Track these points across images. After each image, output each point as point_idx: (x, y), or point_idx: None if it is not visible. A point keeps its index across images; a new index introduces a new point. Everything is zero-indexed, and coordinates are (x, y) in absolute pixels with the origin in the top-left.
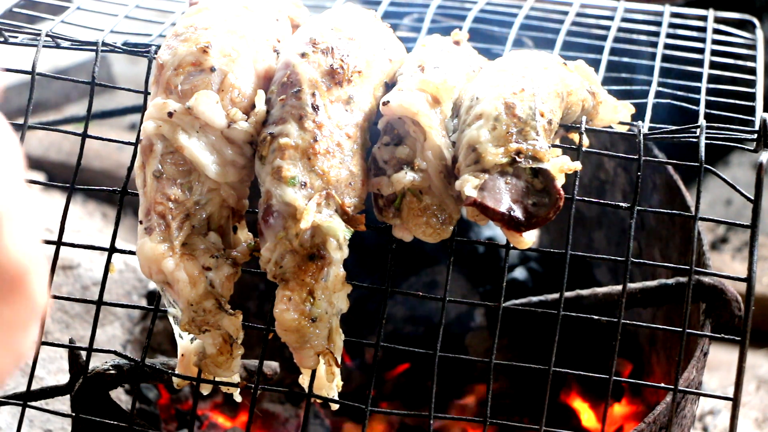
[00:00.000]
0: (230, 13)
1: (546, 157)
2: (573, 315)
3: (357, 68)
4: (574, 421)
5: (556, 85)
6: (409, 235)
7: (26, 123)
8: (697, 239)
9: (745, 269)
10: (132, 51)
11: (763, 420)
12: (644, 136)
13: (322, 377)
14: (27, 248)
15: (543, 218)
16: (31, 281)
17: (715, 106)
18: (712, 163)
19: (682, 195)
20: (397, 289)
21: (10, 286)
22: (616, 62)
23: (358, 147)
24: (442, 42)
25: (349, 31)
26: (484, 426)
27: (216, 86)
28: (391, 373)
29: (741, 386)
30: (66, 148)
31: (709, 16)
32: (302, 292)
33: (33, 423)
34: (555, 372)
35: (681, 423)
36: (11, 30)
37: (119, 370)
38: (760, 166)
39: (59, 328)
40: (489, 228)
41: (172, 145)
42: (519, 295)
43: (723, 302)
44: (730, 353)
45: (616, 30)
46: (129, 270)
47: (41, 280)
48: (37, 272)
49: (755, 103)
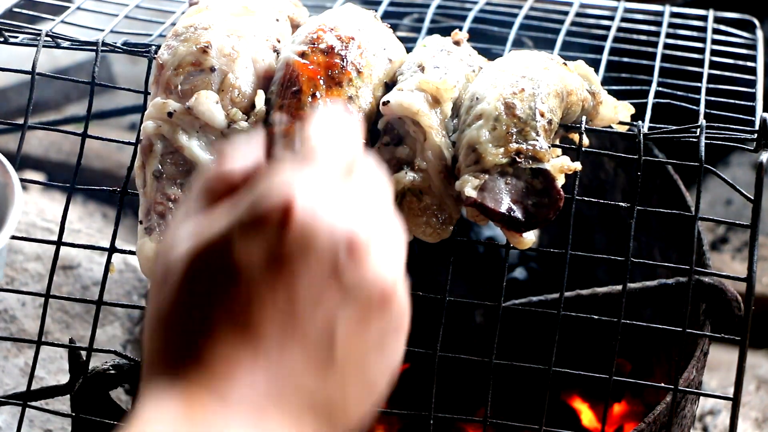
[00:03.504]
0: (230, 13)
1: (546, 157)
2: (573, 315)
3: (357, 68)
4: (574, 421)
5: (556, 85)
6: (409, 235)
7: (26, 123)
8: (697, 239)
9: (745, 269)
10: (132, 51)
11: (763, 420)
12: (644, 136)
13: None
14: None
15: (543, 219)
16: (398, 294)
17: (715, 106)
18: (712, 163)
19: (682, 195)
20: None
21: (381, 299)
22: (616, 62)
23: None
24: (442, 42)
25: (348, 31)
26: (484, 426)
27: (216, 86)
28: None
29: (741, 386)
30: (66, 148)
31: (709, 16)
32: None
33: (33, 423)
34: (555, 372)
35: (681, 423)
36: (11, 30)
37: (119, 370)
38: (760, 166)
39: (59, 328)
40: (489, 228)
41: (172, 145)
42: (519, 295)
43: (723, 302)
44: (730, 353)
45: (616, 30)
46: (129, 270)
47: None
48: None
49: (755, 103)
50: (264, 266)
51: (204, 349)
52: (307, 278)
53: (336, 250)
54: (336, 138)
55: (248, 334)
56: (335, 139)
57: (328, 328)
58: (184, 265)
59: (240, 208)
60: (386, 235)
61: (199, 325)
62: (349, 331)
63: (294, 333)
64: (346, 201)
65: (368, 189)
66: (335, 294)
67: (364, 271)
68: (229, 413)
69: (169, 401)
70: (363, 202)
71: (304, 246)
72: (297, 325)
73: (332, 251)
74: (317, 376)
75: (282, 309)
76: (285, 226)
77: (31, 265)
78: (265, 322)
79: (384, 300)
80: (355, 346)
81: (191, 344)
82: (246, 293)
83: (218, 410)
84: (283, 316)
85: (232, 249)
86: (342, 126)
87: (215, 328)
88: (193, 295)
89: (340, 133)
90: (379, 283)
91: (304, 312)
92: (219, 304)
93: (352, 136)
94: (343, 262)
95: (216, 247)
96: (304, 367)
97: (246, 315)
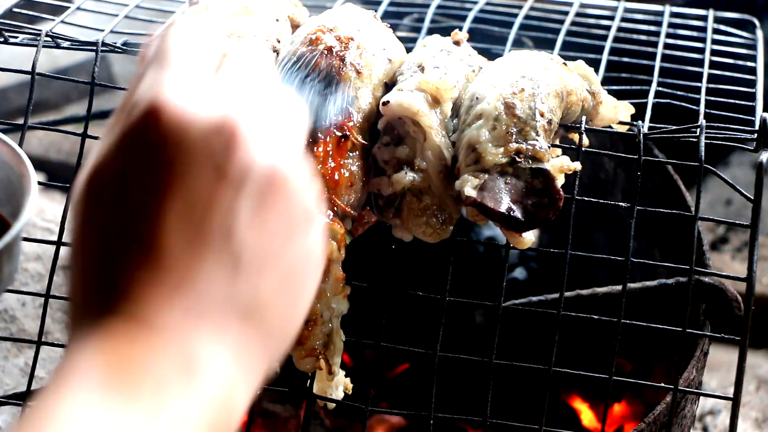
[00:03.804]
0: (230, 13)
1: (546, 157)
2: (573, 315)
3: (356, 69)
4: (574, 421)
5: (556, 85)
6: (409, 235)
7: (26, 123)
8: (697, 239)
9: (745, 269)
10: (132, 51)
11: (763, 420)
12: (644, 136)
13: (324, 378)
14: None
15: (543, 218)
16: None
17: (715, 106)
18: (712, 163)
19: (682, 195)
20: (397, 289)
21: (270, 183)
22: (616, 62)
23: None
24: (442, 42)
25: (348, 31)
26: (484, 426)
27: None
28: (391, 373)
29: (741, 386)
30: (66, 148)
31: (709, 16)
32: None
33: None
34: (555, 372)
35: (681, 423)
36: (11, 30)
37: None
38: (760, 166)
39: (59, 328)
40: (489, 228)
41: None
42: (519, 295)
43: (723, 302)
44: (730, 353)
45: (616, 30)
46: None
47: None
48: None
49: (755, 103)
50: (148, 181)
51: (115, 280)
52: (192, 181)
53: (212, 143)
54: (195, 37)
55: (154, 255)
56: (194, 39)
57: (225, 225)
58: (80, 196)
59: (117, 124)
60: (269, 116)
61: (104, 256)
62: (248, 223)
63: (196, 240)
64: (214, 90)
65: (242, 73)
66: (225, 189)
67: (246, 157)
68: (156, 341)
69: (95, 346)
70: (235, 87)
71: (179, 148)
72: (197, 232)
73: (208, 145)
74: (230, 279)
75: (179, 219)
76: (156, 132)
77: (31, 265)
78: (166, 238)
79: (275, 183)
80: (258, 238)
81: (101, 278)
82: (139, 213)
83: (145, 340)
84: (181, 225)
85: (114, 170)
86: (201, 27)
87: (119, 256)
88: (91, 224)
89: (200, 32)
90: (265, 167)
91: (201, 216)
92: (116, 230)
93: (212, 34)
94: (222, 153)
95: (102, 174)
96: (215, 273)
97: (145, 236)
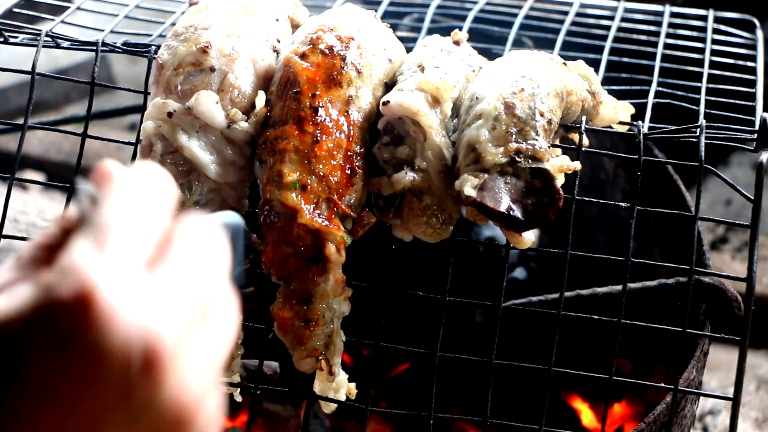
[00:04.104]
0: (230, 13)
1: (546, 157)
2: (573, 315)
3: (357, 68)
4: (574, 421)
5: (555, 85)
6: (409, 235)
7: (26, 123)
8: (697, 239)
9: (745, 269)
10: (132, 51)
11: (763, 420)
12: (644, 136)
13: (324, 378)
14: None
15: (542, 218)
16: (201, 415)
17: (715, 106)
18: (713, 163)
19: (682, 195)
20: (397, 289)
21: (174, 424)
22: (616, 62)
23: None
24: (442, 42)
25: (348, 31)
26: (484, 426)
27: (216, 86)
28: (391, 373)
29: (741, 386)
30: (66, 148)
31: (709, 16)
32: (302, 293)
33: None
34: (555, 372)
35: (681, 423)
36: (11, 30)
37: None
38: (760, 166)
39: None
40: (489, 228)
41: (172, 145)
42: (519, 295)
43: (723, 302)
44: (730, 353)
45: (616, 30)
46: None
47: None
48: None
49: (755, 103)
50: (44, 373)
51: None
52: (91, 397)
53: (130, 359)
54: (140, 211)
55: None
56: (139, 213)
57: None
58: None
59: (36, 287)
60: (203, 334)
61: None
62: None
63: None
64: (150, 293)
65: (187, 269)
66: (118, 416)
67: (159, 389)
68: None
69: None
70: (174, 293)
71: (94, 349)
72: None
73: (124, 364)
74: None
75: (58, 426)
76: (77, 321)
77: None
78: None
79: (178, 424)
80: None
81: None
82: (20, 405)
83: None
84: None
85: (17, 338)
86: (152, 187)
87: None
88: None
89: (147, 204)
90: (176, 406)
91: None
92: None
93: (164, 199)
94: (135, 379)
95: (4, 333)
96: None
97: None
